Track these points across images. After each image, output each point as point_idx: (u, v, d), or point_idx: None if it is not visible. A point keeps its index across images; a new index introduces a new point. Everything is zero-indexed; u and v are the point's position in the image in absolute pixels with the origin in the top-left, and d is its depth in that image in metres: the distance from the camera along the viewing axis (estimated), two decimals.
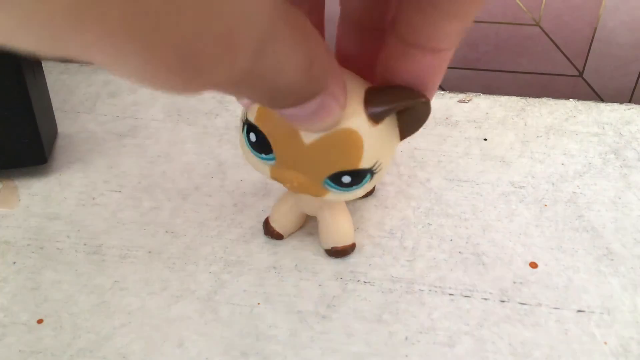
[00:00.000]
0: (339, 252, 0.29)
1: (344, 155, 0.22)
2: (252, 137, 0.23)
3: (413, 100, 0.22)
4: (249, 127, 0.23)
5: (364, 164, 0.23)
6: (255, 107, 0.23)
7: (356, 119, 0.22)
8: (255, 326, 0.26)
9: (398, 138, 0.24)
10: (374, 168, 0.23)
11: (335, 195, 0.24)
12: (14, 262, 0.29)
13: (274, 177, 0.24)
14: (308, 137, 0.22)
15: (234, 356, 0.25)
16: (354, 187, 0.23)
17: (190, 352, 0.25)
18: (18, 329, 0.26)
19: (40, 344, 0.26)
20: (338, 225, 0.28)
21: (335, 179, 0.23)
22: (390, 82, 0.22)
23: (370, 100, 0.22)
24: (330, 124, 0.21)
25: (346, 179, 0.23)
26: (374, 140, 0.22)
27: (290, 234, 0.30)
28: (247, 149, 0.24)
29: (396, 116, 0.23)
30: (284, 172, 0.23)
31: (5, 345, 0.25)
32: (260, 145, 0.23)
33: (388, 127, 0.23)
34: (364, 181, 0.23)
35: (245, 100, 0.23)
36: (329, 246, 0.29)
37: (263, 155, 0.24)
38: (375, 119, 0.22)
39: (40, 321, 0.26)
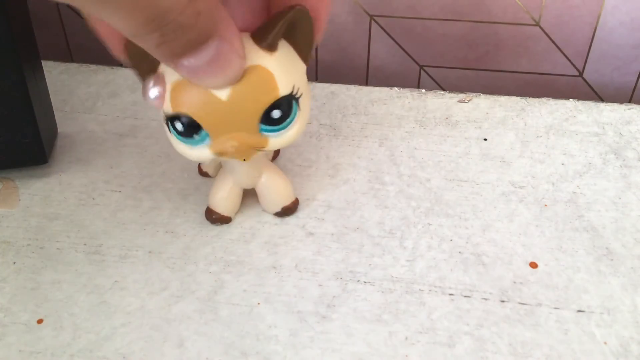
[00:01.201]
0: (290, 210, 0.31)
1: (261, 90, 0.23)
2: (179, 125, 0.24)
3: (290, 12, 0.23)
4: (171, 119, 0.24)
5: (282, 91, 0.24)
6: (168, 99, 0.24)
7: (254, 55, 0.23)
8: (255, 326, 0.26)
9: (301, 61, 0.25)
10: (295, 93, 0.24)
11: (277, 139, 0.25)
12: (14, 262, 0.29)
13: (216, 152, 0.24)
14: (223, 93, 0.23)
15: (234, 356, 0.25)
16: (288, 120, 0.25)
17: (190, 352, 0.25)
18: (18, 329, 0.26)
19: (40, 344, 0.26)
20: (281, 186, 0.30)
21: (268, 119, 0.24)
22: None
23: (257, 36, 0.23)
24: (232, 74, 0.22)
25: (276, 113, 0.24)
26: (280, 66, 0.24)
27: (236, 214, 0.31)
28: (183, 145, 0.25)
29: (287, 41, 0.24)
30: (223, 140, 0.24)
31: (5, 345, 0.25)
32: (189, 128, 0.24)
33: (286, 52, 0.24)
34: (293, 111, 0.25)
35: (156, 99, 0.24)
36: (278, 208, 0.31)
37: (196, 138, 0.24)
38: (269, 47, 0.23)
39: (40, 321, 0.26)
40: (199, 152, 0.25)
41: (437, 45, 0.45)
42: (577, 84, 0.45)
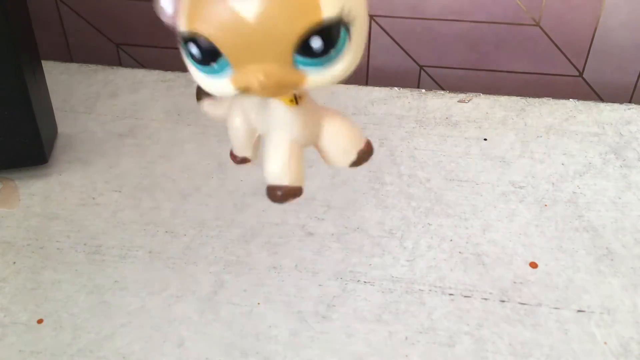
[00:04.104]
0: (367, 153, 0.24)
1: (298, 9, 0.19)
2: (194, 50, 0.20)
3: None
4: (185, 41, 0.20)
5: (326, 13, 0.19)
6: (184, 15, 0.19)
7: None
8: (255, 326, 0.26)
9: None
10: (344, 16, 0.19)
11: (317, 76, 0.20)
12: (14, 262, 0.29)
13: (239, 86, 0.20)
14: (249, 11, 0.18)
15: (234, 356, 0.25)
16: (332, 52, 0.19)
17: (190, 352, 0.25)
18: (18, 329, 0.26)
19: (40, 344, 0.26)
20: (349, 129, 0.24)
21: (305, 50, 0.19)
22: None
23: None
24: None
25: (316, 42, 0.19)
26: None
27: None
28: (201, 74, 0.20)
29: None
30: (247, 72, 0.19)
31: (5, 345, 0.25)
32: (206, 52, 0.19)
33: None
34: (340, 40, 0.19)
35: (167, 9, 0.20)
36: (354, 155, 0.24)
37: (215, 67, 0.20)
38: None
39: (40, 321, 0.26)
40: (219, 84, 0.20)
41: (437, 45, 0.45)
42: (577, 84, 0.45)
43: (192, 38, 0.19)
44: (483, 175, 0.34)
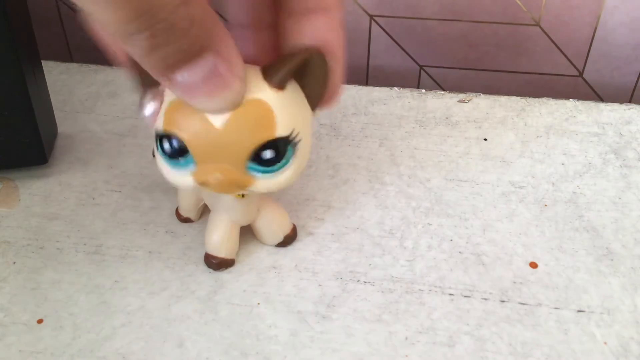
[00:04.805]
0: (291, 238, 0.30)
1: (258, 126, 0.22)
2: (166, 145, 0.23)
3: (306, 54, 0.22)
4: (160, 138, 0.23)
5: (280, 132, 0.22)
6: (161, 117, 0.23)
7: (259, 89, 0.22)
8: (255, 326, 0.26)
9: (309, 107, 0.24)
10: (292, 137, 0.23)
11: (264, 181, 0.23)
12: (14, 262, 0.29)
13: (199, 181, 0.23)
14: (218, 120, 0.22)
15: (234, 356, 0.25)
16: (279, 164, 0.23)
17: (190, 352, 0.25)
18: (18, 329, 0.26)
19: (40, 344, 0.26)
20: (280, 217, 0.29)
21: (257, 158, 0.23)
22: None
23: (267, 71, 0.22)
24: (230, 96, 0.21)
25: (267, 153, 0.23)
26: (284, 106, 0.22)
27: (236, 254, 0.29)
28: (167, 167, 0.24)
29: (299, 84, 0.23)
30: (207, 169, 0.23)
31: (5, 345, 0.25)
32: (176, 149, 0.23)
33: (294, 95, 0.23)
34: (287, 155, 0.23)
35: (150, 116, 0.23)
36: (280, 238, 0.29)
37: (181, 162, 0.23)
38: (277, 84, 0.22)
39: (40, 321, 0.26)
40: (181, 177, 0.24)
41: (437, 45, 0.45)
42: (577, 84, 0.45)
43: (167, 136, 0.23)
44: (483, 175, 0.34)
